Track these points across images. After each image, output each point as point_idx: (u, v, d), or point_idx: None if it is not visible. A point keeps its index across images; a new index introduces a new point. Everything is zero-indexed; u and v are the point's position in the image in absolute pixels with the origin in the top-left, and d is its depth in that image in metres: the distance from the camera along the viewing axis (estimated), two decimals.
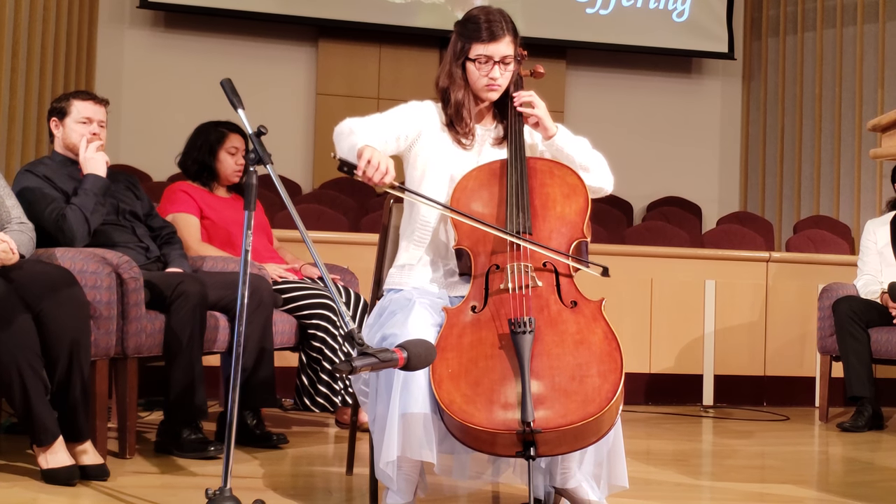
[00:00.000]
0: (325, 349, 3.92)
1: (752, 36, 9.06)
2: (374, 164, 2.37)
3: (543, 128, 2.66)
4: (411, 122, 2.66)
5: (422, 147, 2.67)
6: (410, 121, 2.66)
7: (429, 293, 2.57)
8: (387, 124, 2.62)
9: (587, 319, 2.38)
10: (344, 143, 2.52)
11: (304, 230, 2.33)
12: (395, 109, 2.69)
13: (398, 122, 2.65)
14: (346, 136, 2.52)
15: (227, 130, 4.12)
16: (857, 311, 4.75)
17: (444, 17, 8.04)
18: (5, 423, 3.64)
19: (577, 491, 2.45)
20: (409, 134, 2.66)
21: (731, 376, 5.56)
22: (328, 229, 5.73)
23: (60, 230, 3.33)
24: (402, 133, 2.64)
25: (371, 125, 2.58)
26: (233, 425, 2.32)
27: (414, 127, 2.66)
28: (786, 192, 8.71)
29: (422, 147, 2.67)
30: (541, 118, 2.64)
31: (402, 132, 2.65)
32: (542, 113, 2.64)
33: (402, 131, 2.65)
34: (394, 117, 2.65)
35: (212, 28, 8.06)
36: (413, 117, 2.67)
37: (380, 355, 2.06)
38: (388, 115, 2.66)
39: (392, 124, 2.63)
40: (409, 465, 2.37)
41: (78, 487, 2.81)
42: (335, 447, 3.80)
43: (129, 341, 3.23)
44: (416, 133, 2.67)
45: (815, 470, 3.75)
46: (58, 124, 3.54)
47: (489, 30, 2.60)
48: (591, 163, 2.67)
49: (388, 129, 2.62)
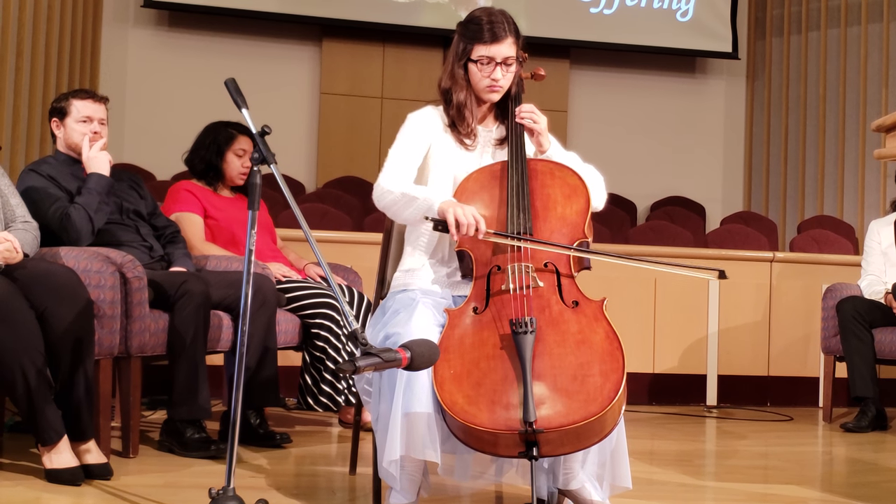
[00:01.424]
0: (329, 348, 3.92)
1: (756, 35, 9.04)
2: (464, 223, 2.41)
3: (538, 142, 2.67)
4: (422, 141, 2.68)
5: (430, 153, 2.69)
6: (421, 140, 2.68)
7: (432, 293, 2.58)
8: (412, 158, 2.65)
9: (589, 319, 2.38)
10: (410, 210, 2.53)
11: (307, 229, 2.34)
12: (406, 137, 2.68)
13: (416, 149, 2.66)
14: (408, 203, 2.52)
15: (236, 132, 4.11)
16: (860, 311, 4.75)
17: (447, 16, 8.04)
18: (9, 422, 3.64)
19: (581, 491, 2.46)
20: (422, 152, 2.68)
21: (734, 376, 5.56)
22: (332, 228, 5.73)
23: (64, 229, 3.33)
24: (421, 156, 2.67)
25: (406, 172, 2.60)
26: (236, 424, 2.33)
27: (425, 143, 2.68)
28: (790, 191, 8.70)
29: (430, 153, 2.69)
30: (540, 133, 2.65)
31: (421, 155, 2.67)
32: (541, 128, 2.65)
33: (421, 154, 2.67)
34: (412, 147, 2.66)
35: (216, 27, 8.07)
36: (421, 134, 2.68)
37: (383, 355, 2.06)
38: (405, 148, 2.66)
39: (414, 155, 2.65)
40: (413, 464, 2.37)
41: (81, 486, 2.81)
42: (338, 447, 3.80)
43: (133, 340, 3.24)
44: (427, 147, 2.69)
45: (819, 470, 3.75)
46: (59, 124, 3.55)
47: (491, 31, 2.61)
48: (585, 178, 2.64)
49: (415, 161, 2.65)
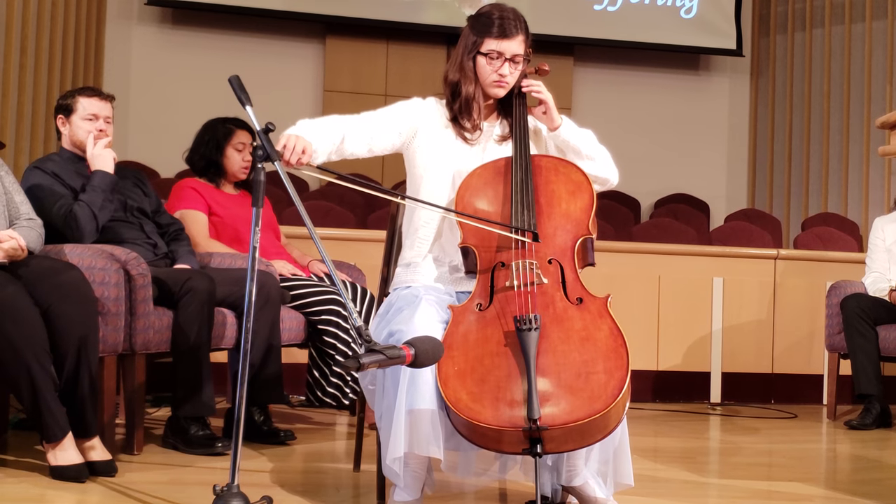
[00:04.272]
0: (339, 343, 3.92)
1: (760, 32, 9.03)
2: (290, 147, 2.39)
3: (550, 118, 2.66)
4: (407, 118, 2.67)
5: (420, 143, 2.67)
6: (406, 116, 2.67)
7: (436, 290, 2.57)
8: (373, 120, 2.63)
9: (593, 316, 2.38)
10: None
11: (311, 227, 2.34)
12: (391, 105, 2.69)
13: (388, 120, 2.65)
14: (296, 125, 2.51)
15: (234, 127, 4.12)
16: (865, 308, 4.74)
17: (451, 13, 8.03)
18: (14, 419, 3.65)
19: (584, 488, 2.46)
20: (402, 130, 2.66)
21: (738, 374, 5.56)
22: (336, 226, 5.73)
23: (69, 226, 3.33)
24: (394, 128, 2.64)
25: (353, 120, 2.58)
26: (240, 422, 2.32)
27: (410, 123, 2.67)
28: (794, 189, 8.69)
29: (420, 143, 2.67)
30: (549, 106, 2.65)
31: (395, 127, 2.65)
32: (550, 100, 2.65)
33: (395, 127, 2.65)
34: (387, 113, 2.66)
35: (219, 25, 8.07)
36: (410, 113, 2.68)
37: (387, 352, 2.06)
38: (380, 111, 2.66)
39: (379, 121, 2.64)
40: (417, 461, 2.38)
41: (86, 483, 2.81)
42: (342, 443, 3.80)
43: (137, 337, 3.24)
44: (411, 129, 2.67)
45: (823, 468, 3.74)
46: (64, 121, 3.55)
47: (502, 27, 2.61)
48: (596, 153, 2.68)
49: (373, 125, 2.62)
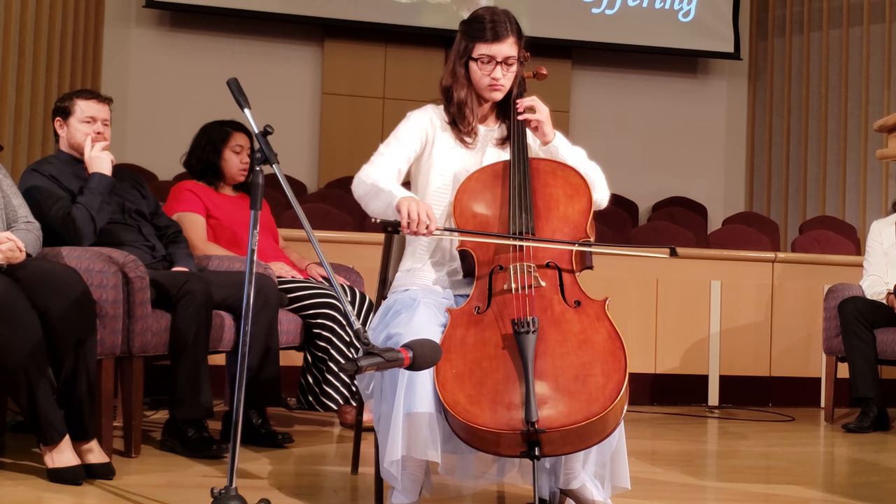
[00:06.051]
0: (331, 348, 3.92)
1: (757, 36, 9.04)
2: (415, 219, 2.40)
3: (542, 133, 2.66)
4: (418, 137, 2.68)
5: (429, 152, 2.69)
6: (417, 136, 2.68)
7: (434, 293, 2.58)
8: (399, 154, 2.64)
9: (591, 319, 2.38)
10: (377, 203, 2.54)
11: (309, 229, 2.34)
12: (399, 133, 2.68)
13: (407, 146, 2.66)
14: (375, 194, 2.53)
15: (231, 129, 4.13)
16: (862, 311, 4.74)
17: (449, 16, 8.05)
18: (12, 422, 3.64)
19: (582, 491, 2.46)
20: (417, 149, 2.68)
21: (736, 377, 5.56)
22: (334, 229, 5.73)
23: (66, 229, 3.33)
24: (412, 154, 2.67)
25: (387, 166, 2.60)
26: (238, 424, 2.33)
27: (421, 140, 2.68)
28: (791, 192, 8.70)
29: (429, 152, 2.69)
30: (541, 123, 2.65)
31: (413, 152, 2.67)
32: (543, 118, 2.65)
33: (413, 151, 2.67)
34: (402, 143, 2.66)
35: (218, 27, 8.08)
36: (418, 132, 2.68)
37: (385, 355, 2.07)
38: (395, 144, 2.66)
39: (403, 151, 2.65)
40: (414, 464, 2.38)
41: (83, 486, 2.81)
42: (340, 447, 3.80)
43: (135, 340, 3.24)
44: (423, 145, 2.69)
45: (821, 471, 3.74)
46: (62, 124, 3.55)
47: (493, 30, 2.61)
48: (588, 174, 2.65)
49: (402, 158, 2.64)
